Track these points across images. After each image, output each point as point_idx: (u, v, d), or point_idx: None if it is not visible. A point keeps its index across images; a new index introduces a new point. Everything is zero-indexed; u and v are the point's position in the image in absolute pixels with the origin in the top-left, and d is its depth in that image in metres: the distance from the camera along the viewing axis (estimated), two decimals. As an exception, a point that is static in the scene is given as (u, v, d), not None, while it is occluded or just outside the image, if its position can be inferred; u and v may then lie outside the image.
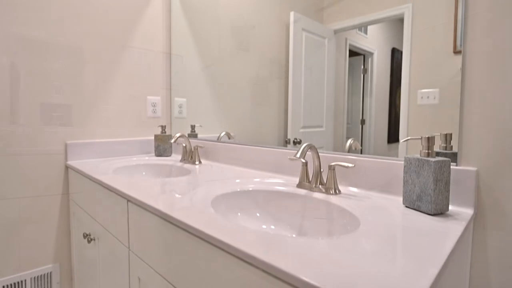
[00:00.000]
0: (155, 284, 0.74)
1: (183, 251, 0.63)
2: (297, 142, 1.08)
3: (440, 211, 0.63)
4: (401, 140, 0.79)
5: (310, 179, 0.89)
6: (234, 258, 0.51)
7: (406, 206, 0.69)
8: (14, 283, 1.22)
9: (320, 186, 0.83)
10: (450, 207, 0.68)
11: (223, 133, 1.37)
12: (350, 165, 0.78)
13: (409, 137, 0.71)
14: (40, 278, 1.29)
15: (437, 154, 0.73)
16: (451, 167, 0.69)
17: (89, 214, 1.13)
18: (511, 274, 0.64)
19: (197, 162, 1.31)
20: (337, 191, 0.81)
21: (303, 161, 0.89)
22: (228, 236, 0.53)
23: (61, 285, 1.35)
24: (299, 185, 0.88)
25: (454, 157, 0.71)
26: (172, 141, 1.24)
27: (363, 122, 0.90)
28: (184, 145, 1.36)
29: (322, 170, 0.90)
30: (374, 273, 0.40)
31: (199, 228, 0.57)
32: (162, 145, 1.52)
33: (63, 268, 1.35)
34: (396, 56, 0.82)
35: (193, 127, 1.55)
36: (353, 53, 0.92)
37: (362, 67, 0.90)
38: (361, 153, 0.90)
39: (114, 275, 0.96)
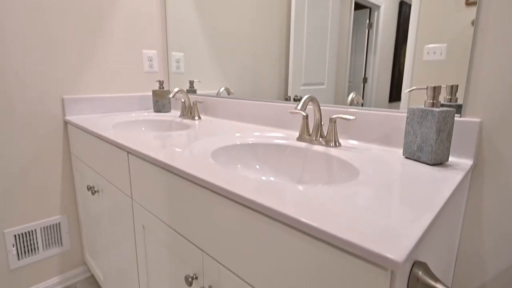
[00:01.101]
0: (159, 230, 0.77)
1: (184, 199, 0.65)
2: (297, 100, 1.05)
3: (439, 161, 0.63)
4: (405, 91, 0.76)
5: (311, 132, 0.88)
6: (235, 203, 0.52)
7: (406, 157, 0.69)
8: (25, 233, 1.28)
9: (320, 139, 0.83)
10: (450, 158, 0.69)
11: (222, 88, 1.33)
12: (351, 117, 0.77)
13: (414, 87, 0.69)
14: (49, 228, 1.35)
15: (442, 105, 0.71)
16: (455, 118, 0.68)
17: (91, 168, 1.15)
18: (503, 222, 0.66)
19: (196, 118, 1.30)
20: (337, 144, 0.81)
21: (304, 114, 0.87)
22: (229, 183, 0.53)
23: (70, 235, 1.42)
24: (299, 138, 0.87)
25: (458, 109, 0.69)
26: (171, 96, 1.21)
27: (365, 80, 0.87)
28: (183, 100, 1.34)
29: (323, 123, 0.89)
30: (370, 217, 0.41)
31: (200, 176, 0.57)
32: (160, 101, 1.49)
33: (70, 219, 1.41)
34: (404, 9, 0.77)
35: (191, 82, 1.51)
36: (358, 6, 0.86)
37: (368, 21, 0.84)
38: (362, 106, 0.88)
39: (119, 223, 1.01)
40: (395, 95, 0.81)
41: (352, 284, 0.38)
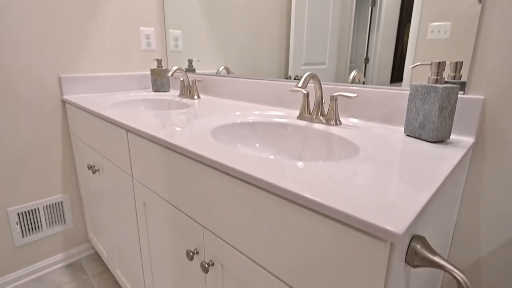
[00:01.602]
0: (160, 207, 0.77)
1: (184, 176, 0.65)
2: (298, 79, 1.03)
3: (441, 139, 0.63)
4: (409, 67, 0.75)
5: (311, 110, 0.87)
6: (235, 179, 0.52)
7: (407, 135, 0.68)
8: (28, 211, 1.30)
9: (321, 117, 0.82)
10: (452, 136, 0.68)
11: (222, 67, 1.31)
12: (353, 95, 0.75)
13: (418, 63, 0.67)
14: (52, 207, 1.37)
15: (445, 82, 0.70)
16: (458, 95, 0.67)
17: (91, 147, 1.15)
18: (502, 201, 0.67)
19: (195, 97, 1.28)
20: (338, 122, 0.80)
21: (305, 92, 0.86)
22: (229, 160, 0.53)
23: (72, 213, 1.44)
24: (300, 117, 0.87)
25: (462, 86, 0.68)
26: (169, 74, 1.19)
27: (367, 60, 0.85)
28: (182, 79, 1.32)
29: (324, 101, 0.88)
30: (370, 192, 0.41)
31: (200, 153, 0.57)
32: (159, 80, 1.47)
33: (72, 197, 1.43)
34: (408, -14, 0.74)
35: (190, 61, 1.48)
36: (362, -20, 0.82)
37: (371, -2, 0.81)
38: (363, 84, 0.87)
39: (121, 201, 1.02)
40: (397, 75, 0.79)
41: (351, 256, 0.38)
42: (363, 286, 0.38)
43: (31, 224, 1.32)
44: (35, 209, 1.32)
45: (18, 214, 1.28)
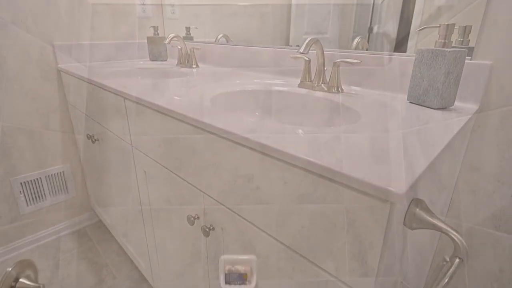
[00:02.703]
0: (160, 175, 0.78)
1: (183, 143, 0.64)
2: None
3: (444, 105, 0.62)
4: (416, 30, 0.72)
5: (312, 78, 0.85)
6: (234, 144, 0.52)
7: (411, 102, 0.67)
8: (31, 181, 1.31)
9: (322, 85, 0.80)
10: (455, 103, 0.67)
11: (221, 35, 1.26)
12: (355, 61, 0.73)
13: (425, 26, 0.64)
14: (54, 176, 1.38)
15: (452, 47, 0.67)
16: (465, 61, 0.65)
17: (89, 116, 1.14)
18: (502, 169, 0.67)
19: (194, 66, 1.25)
20: (340, 90, 0.78)
21: (306, 58, 0.83)
22: (227, 124, 0.52)
23: (75, 183, 1.46)
24: (301, 85, 0.85)
25: (469, 51, 0.66)
26: (166, 42, 1.15)
27: (370, 30, 0.81)
28: (179, 47, 1.27)
29: (326, 69, 0.85)
30: (371, 157, 0.41)
31: (198, 119, 0.56)
32: (156, 48, 1.42)
33: (73, 167, 1.44)
34: None
35: (188, 29, 1.42)
36: None
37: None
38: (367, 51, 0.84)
39: (121, 170, 1.02)
40: (400, 47, 0.76)
41: (351, 218, 0.39)
42: (361, 247, 0.39)
43: (34, 193, 1.34)
44: (37, 179, 1.33)
45: (21, 183, 1.29)
